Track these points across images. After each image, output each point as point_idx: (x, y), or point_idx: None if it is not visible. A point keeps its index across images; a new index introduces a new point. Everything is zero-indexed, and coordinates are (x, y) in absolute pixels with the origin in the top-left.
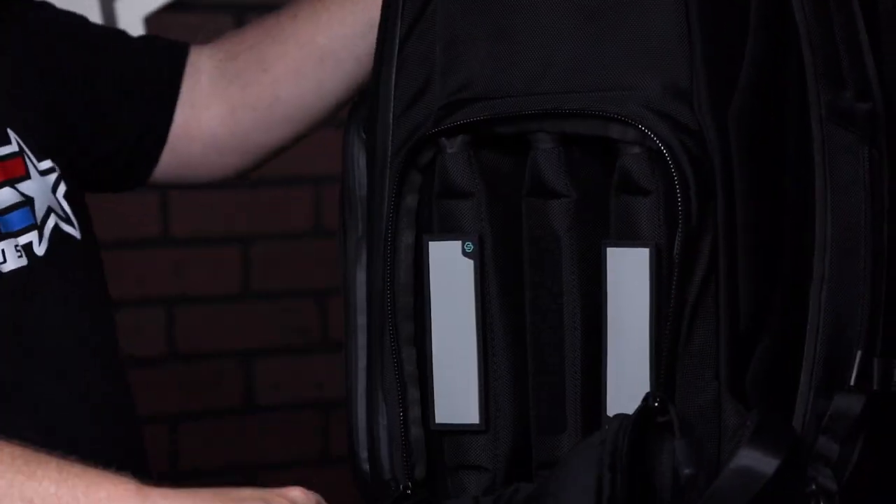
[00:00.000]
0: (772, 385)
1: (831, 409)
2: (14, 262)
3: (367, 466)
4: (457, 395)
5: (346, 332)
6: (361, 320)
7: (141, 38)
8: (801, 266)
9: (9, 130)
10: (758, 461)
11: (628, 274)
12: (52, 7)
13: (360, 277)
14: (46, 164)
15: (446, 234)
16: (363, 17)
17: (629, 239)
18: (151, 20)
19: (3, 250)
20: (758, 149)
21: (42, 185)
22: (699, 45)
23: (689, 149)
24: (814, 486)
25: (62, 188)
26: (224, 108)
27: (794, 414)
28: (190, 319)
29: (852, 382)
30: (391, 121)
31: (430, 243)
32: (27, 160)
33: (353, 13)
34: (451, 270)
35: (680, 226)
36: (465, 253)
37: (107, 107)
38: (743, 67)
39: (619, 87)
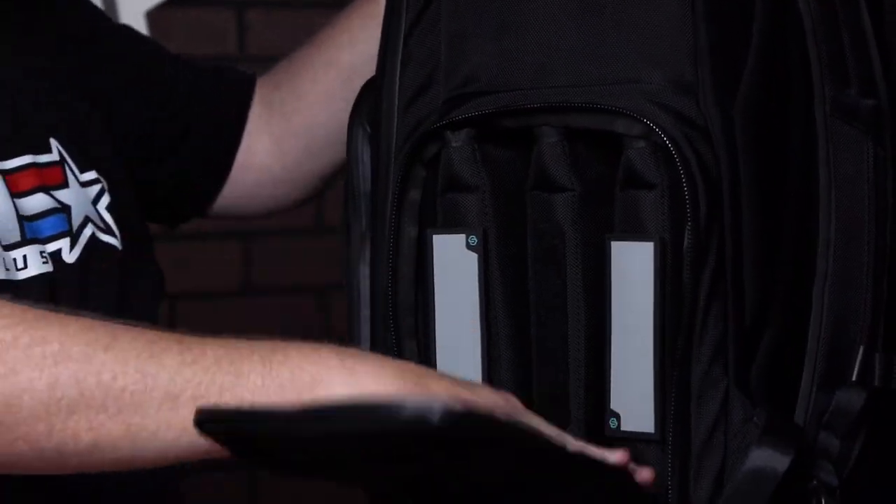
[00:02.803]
0: (775, 380)
1: (833, 405)
2: (37, 267)
3: None
4: None
5: (350, 325)
6: (365, 313)
7: (212, 66)
8: (804, 261)
9: (52, 140)
10: (771, 460)
11: (633, 268)
12: (131, 31)
13: (364, 271)
14: (90, 175)
15: (450, 227)
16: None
17: (634, 233)
18: (153, 15)
19: (25, 256)
20: (762, 143)
21: (81, 195)
22: (704, 38)
23: (694, 143)
24: (815, 482)
25: (105, 200)
26: (271, 139)
27: (796, 409)
28: (191, 315)
29: (854, 378)
30: (395, 115)
31: (434, 237)
32: (67, 169)
33: (372, 28)
34: (454, 264)
35: (689, 220)
36: (469, 247)
37: (174, 134)
38: (748, 61)
39: (623, 81)
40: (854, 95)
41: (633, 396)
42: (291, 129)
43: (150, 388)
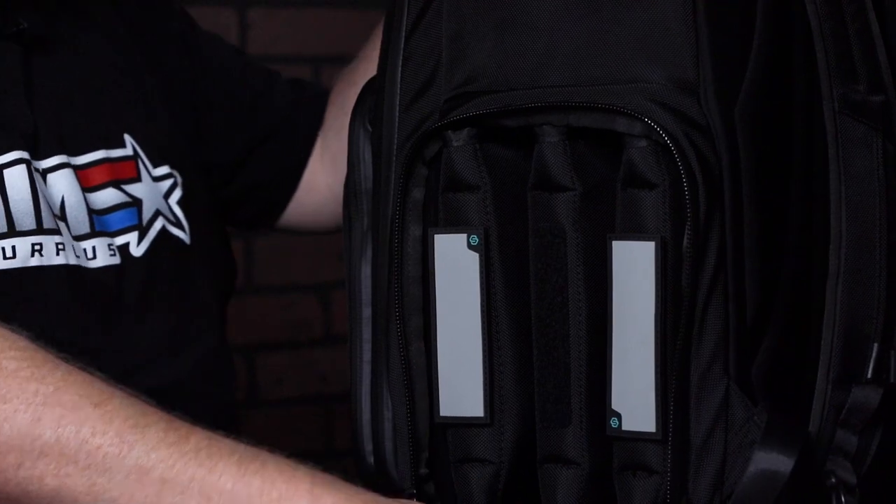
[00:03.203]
0: (777, 379)
1: (849, 402)
2: (105, 259)
3: (371, 460)
4: (461, 388)
5: (351, 325)
6: (366, 313)
7: (290, 80)
8: (808, 260)
9: (125, 135)
10: (774, 462)
11: (634, 267)
12: (221, 40)
13: (366, 271)
14: (163, 170)
15: (452, 227)
16: None
17: (635, 232)
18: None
19: (94, 247)
20: (764, 142)
21: (153, 189)
22: (706, 37)
23: (695, 142)
24: (833, 479)
25: (176, 194)
26: (328, 155)
27: (812, 408)
28: None
29: (869, 375)
30: (397, 114)
31: (436, 236)
32: (140, 164)
33: None
34: (456, 264)
35: (689, 219)
36: (470, 246)
37: (252, 145)
38: (750, 60)
39: (625, 80)
40: (862, 92)
41: (635, 396)
42: (344, 146)
43: (123, 454)
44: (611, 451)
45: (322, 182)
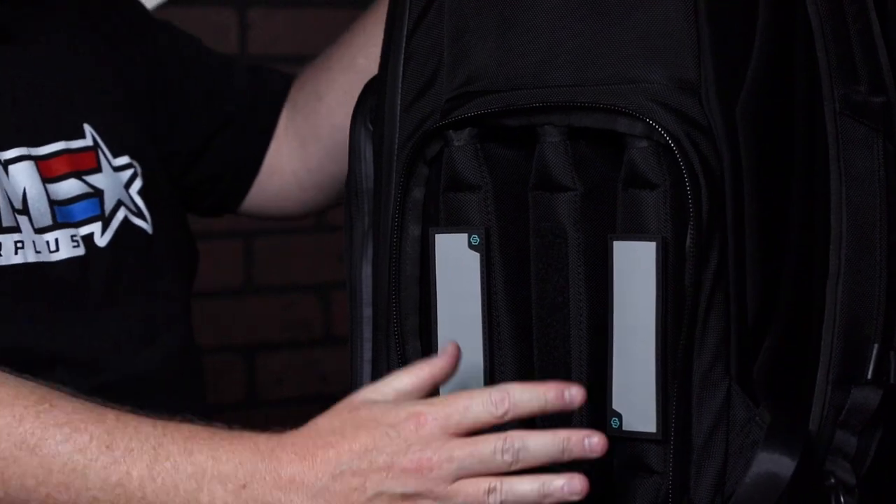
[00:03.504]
0: (779, 379)
1: (849, 403)
2: (68, 251)
3: None
4: (462, 388)
5: (352, 325)
6: (367, 313)
7: (251, 68)
8: (809, 261)
9: (85, 125)
10: (776, 464)
11: (635, 268)
12: (174, 28)
13: (367, 270)
14: (123, 160)
15: (453, 226)
16: None
17: (636, 232)
18: (155, 13)
19: (56, 239)
20: (766, 142)
21: (114, 179)
22: (707, 37)
23: (697, 142)
24: (833, 480)
25: (137, 184)
26: (296, 141)
27: (812, 408)
28: (193, 314)
29: (869, 376)
30: (398, 113)
31: (437, 236)
32: (101, 154)
33: None
34: (457, 263)
35: (691, 219)
36: (471, 246)
37: (209, 132)
38: (751, 61)
39: (626, 80)
40: (863, 92)
41: (635, 396)
42: (313, 131)
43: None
44: (611, 451)
45: (287, 166)
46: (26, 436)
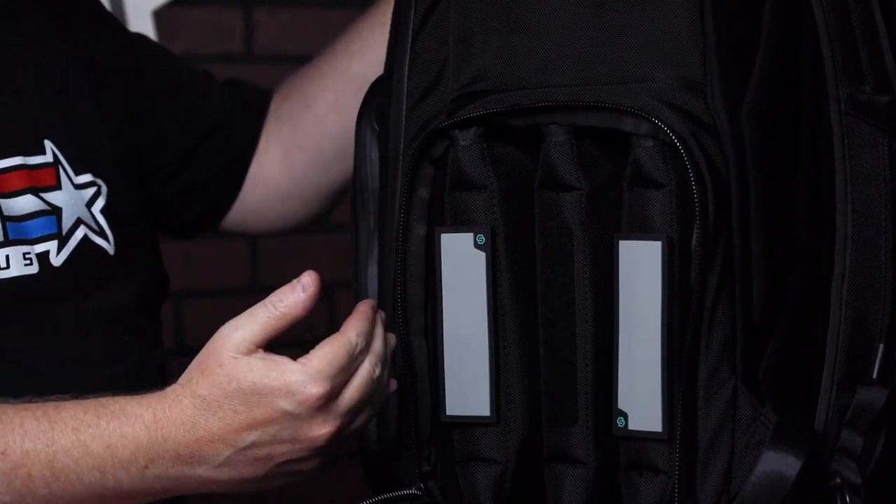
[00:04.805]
0: (784, 379)
1: (854, 403)
2: (19, 268)
3: (377, 459)
4: (468, 387)
5: None
6: None
7: (228, 82)
8: (815, 261)
9: (46, 141)
10: (782, 463)
11: (640, 267)
12: (149, 42)
13: (372, 270)
14: (85, 178)
15: (458, 226)
16: None
17: (642, 232)
18: (160, 14)
19: (7, 256)
20: (771, 141)
21: (75, 197)
22: (712, 37)
23: (702, 141)
24: (838, 480)
25: (100, 203)
26: (280, 151)
27: (817, 408)
28: (198, 313)
29: (875, 376)
30: (404, 113)
31: (442, 235)
32: (61, 171)
33: (384, 36)
34: (462, 263)
35: (697, 219)
36: (476, 245)
37: (188, 147)
38: (757, 61)
39: (632, 80)
40: (869, 92)
41: (641, 395)
42: (299, 140)
43: None
44: (617, 450)
45: (269, 178)
46: None
